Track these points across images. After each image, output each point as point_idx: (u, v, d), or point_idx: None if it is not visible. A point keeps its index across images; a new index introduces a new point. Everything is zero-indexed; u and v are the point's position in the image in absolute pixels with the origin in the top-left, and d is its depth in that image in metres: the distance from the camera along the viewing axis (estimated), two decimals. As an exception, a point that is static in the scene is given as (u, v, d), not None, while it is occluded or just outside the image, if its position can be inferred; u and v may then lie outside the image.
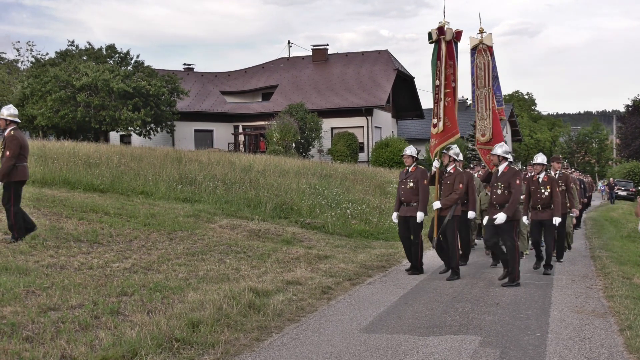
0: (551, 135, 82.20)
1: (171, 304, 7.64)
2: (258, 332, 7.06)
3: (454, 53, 11.51)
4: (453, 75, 11.48)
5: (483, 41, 12.81)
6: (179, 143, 40.52)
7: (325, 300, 8.84)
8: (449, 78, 11.41)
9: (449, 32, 11.43)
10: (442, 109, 11.36)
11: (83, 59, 36.82)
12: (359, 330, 7.35)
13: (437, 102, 11.46)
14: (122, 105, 33.66)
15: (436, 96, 11.46)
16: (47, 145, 20.53)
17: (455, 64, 11.52)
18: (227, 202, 16.46)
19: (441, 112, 11.35)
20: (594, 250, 14.89)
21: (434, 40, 11.49)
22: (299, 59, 50.07)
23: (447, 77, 11.40)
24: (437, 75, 11.44)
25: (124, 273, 9.04)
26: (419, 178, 10.90)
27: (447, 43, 11.41)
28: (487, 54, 12.74)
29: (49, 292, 7.59)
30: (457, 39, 11.68)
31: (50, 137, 35.03)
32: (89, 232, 11.20)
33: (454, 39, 11.57)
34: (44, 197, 13.43)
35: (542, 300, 9.11)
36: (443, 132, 11.35)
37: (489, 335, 7.19)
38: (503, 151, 10.55)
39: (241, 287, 8.50)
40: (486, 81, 12.67)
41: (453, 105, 11.43)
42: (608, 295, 9.30)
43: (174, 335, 6.48)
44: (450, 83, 11.42)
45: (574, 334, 7.24)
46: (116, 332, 6.45)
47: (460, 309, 8.50)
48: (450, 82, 11.42)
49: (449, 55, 11.42)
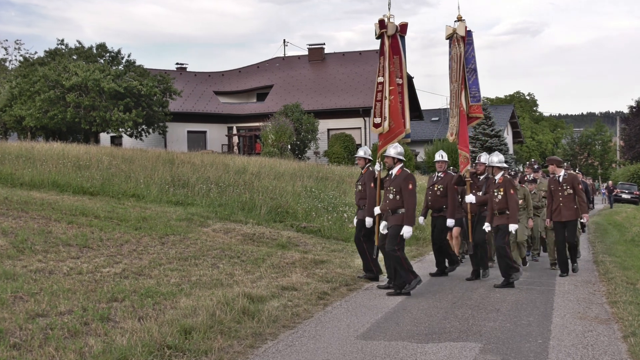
0: (553, 137, 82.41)
1: (163, 310, 7.63)
2: (252, 339, 7.05)
3: (399, 48, 11.15)
4: (400, 71, 11.08)
5: (457, 30, 12.08)
6: (171, 145, 40.47)
7: (321, 306, 8.84)
8: (392, 75, 10.98)
9: (390, 26, 11.06)
10: (386, 107, 10.88)
11: (73, 58, 36.78)
12: (356, 337, 7.35)
13: (379, 100, 11.01)
14: (113, 105, 33.62)
15: (379, 94, 11.04)
16: (36, 147, 20.51)
17: (402, 59, 11.12)
18: (220, 205, 16.45)
19: (386, 111, 10.88)
20: (597, 255, 14.91)
21: (378, 35, 11.12)
22: (294, 58, 50.09)
23: (392, 73, 10.97)
24: (379, 72, 11.05)
25: (114, 278, 9.02)
26: (366, 181, 10.88)
27: (391, 37, 11.09)
28: (459, 45, 12.00)
29: (37, 298, 7.57)
30: (402, 32, 11.30)
31: (39, 138, 34.98)
32: (78, 236, 11.18)
33: (399, 32, 11.21)
34: (33, 200, 13.40)
35: (543, 306, 9.12)
36: (388, 132, 10.89)
37: (489, 342, 7.20)
38: (396, 153, 10.13)
39: (235, 293, 8.49)
40: (458, 75, 12.00)
41: (397, 104, 10.92)
42: (611, 301, 9.31)
43: (165, 342, 6.47)
44: (394, 80, 10.98)
45: (576, 341, 7.25)
46: (106, 339, 6.44)
47: (460, 315, 8.51)
48: (394, 79, 10.98)
49: (394, 51, 11.06)
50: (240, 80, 48.29)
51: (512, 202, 10.59)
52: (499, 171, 10.92)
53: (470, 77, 12.05)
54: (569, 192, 11.82)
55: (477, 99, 12.19)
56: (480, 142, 46.23)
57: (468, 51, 12.10)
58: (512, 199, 10.59)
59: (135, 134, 36.38)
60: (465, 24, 12.04)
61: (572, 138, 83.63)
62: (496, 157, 11.00)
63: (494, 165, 10.98)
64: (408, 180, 9.89)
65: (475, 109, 12.23)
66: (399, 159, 10.03)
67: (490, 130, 46.76)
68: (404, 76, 11.17)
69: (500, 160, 10.94)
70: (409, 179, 9.92)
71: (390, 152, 10.17)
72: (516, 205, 10.69)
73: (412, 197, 9.82)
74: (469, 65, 12.08)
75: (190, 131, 43.38)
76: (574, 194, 11.85)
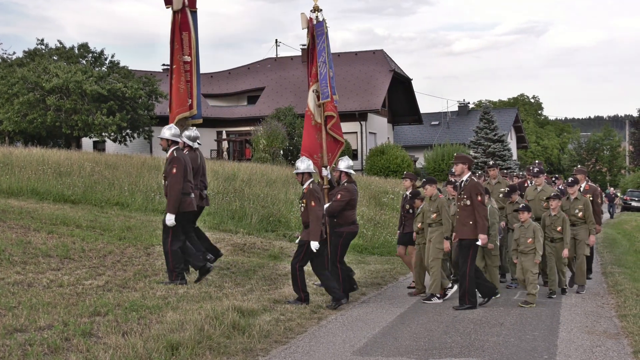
0: (559, 142, 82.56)
1: (148, 325, 7.62)
2: (243, 355, 7.04)
3: (188, 24, 11.23)
4: (189, 49, 11.23)
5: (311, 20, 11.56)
6: (157, 150, 40.40)
7: (315, 321, 8.83)
8: (177, 53, 11.16)
9: (176, 1, 11.10)
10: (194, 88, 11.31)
11: (53, 58, 36.74)
12: (352, 353, 7.34)
13: (189, 80, 11.35)
14: (96, 109, 33.57)
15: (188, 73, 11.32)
16: (14, 153, 20.46)
17: (191, 36, 11.24)
18: (209, 214, 16.44)
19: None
20: (605, 266, 14.94)
21: (174, 10, 11.22)
22: (287, 59, 50.15)
23: (176, 51, 11.16)
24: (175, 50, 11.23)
25: (97, 291, 9.01)
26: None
27: (180, 13, 11.16)
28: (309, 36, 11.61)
29: (16, 312, 7.55)
30: (192, 7, 11.34)
31: (18, 143, 34.86)
32: (59, 247, 11.15)
33: (188, 7, 11.24)
34: (10, 208, 13.37)
35: (549, 320, 9.13)
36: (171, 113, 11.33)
37: (492, 357, 7.20)
38: (171, 134, 10.36)
39: (224, 307, 8.48)
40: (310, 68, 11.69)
41: (178, 84, 11.17)
42: (621, 315, 9.33)
43: (151, 358, 6.46)
44: (177, 59, 11.19)
45: (584, 357, 7.26)
46: (88, 356, 6.42)
47: (462, 330, 8.51)
48: (177, 58, 11.19)
49: (183, 27, 11.18)
50: (230, 82, 48.31)
51: (313, 216, 9.68)
52: (346, 177, 10.61)
53: (321, 72, 11.50)
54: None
55: (325, 95, 11.42)
56: (483, 147, 46.30)
57: (319, 43, 11.51)
58: (312, 212, 9.68)
59: (120, 138, 36.32)
60: (319, 14, 11.53)
61: (579, 143, 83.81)
62: (343, 162, 10.70)
63: (341, 170, 10.64)
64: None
65: (328, 107, 11.42)
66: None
67: (493, 135, 46.84)
68: (193, 54, 11.29)
69: (347, 166, 10.64)
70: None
71: (166, 133, 10.28)
72: (316, 219, 9.64)
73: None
74: (320, 59, 11.48)
75: (177, 136, 43.37)
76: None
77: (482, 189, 10.11)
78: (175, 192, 9.99)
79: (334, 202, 10.28)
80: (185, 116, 11.29)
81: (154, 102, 37.62)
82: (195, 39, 11.38)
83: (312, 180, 10.01)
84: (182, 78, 11.25)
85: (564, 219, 11.00)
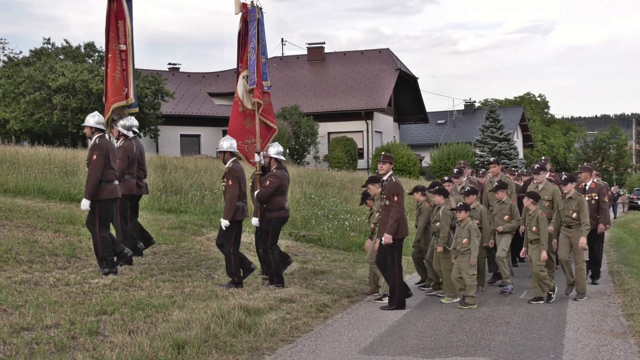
0: (565, 141, 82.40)
1: (154, 324, 7.63)
2: (249, 354, 7.05)
3: (124, 12, 11.20)
4: (124, 37, 11.23)
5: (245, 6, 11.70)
6: (163, 149, 40.47)
7: (321, 319, 8.84)
8: (112, 41, 11.16)
9: None
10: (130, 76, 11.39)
11: (60, 58, 36.82)
12: (358, 352, 7.35)
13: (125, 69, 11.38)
14: (102, 108, 33.64)
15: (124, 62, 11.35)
16: (21, 152, 20.51)
17: (126, 24, 11.23)
18: (215, 213, 16.45)
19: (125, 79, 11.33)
20: (612, 265, 14.91)
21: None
22: (293, 58, 50.14)
23: (111, 40, 11.16)
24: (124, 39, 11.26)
25: (103, 290, 9.02)
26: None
27: (114, 1, 11.13)
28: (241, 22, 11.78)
29: (22, 311, 7.57)
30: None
31: (24, 142, 34.96)
32: (65, 246, 11.18)
33: None
34: (17, 207, 13.40)
35: (556, 319, 9.12)
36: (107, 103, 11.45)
37: (498, 356, 7.20)
38: (276, 152, 10.62)
39: (230, 305, 8.49)
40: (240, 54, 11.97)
41: (113, 73, 11.22)
42: (627, 314, 9.31)
43: (157, 357, 6.47)
44: (112, 48, 11.19)
45: (590, 356, 7.25)
46: (95, 354, 6.44)
47: (468, 329, 8.51)
48: (112, 47, 11.19)
49: (119, 15, 11.16)
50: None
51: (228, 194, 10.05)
52: (276, 163, 10.67)
53: (250, 58, 11.72)
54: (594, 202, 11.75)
55: (252, 82, 11.76)
56: (489, 146, 46.25)
57: (251, 29, 11.65)
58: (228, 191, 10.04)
59: (126, 137, 36.38)
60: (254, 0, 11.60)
61: (586, 142, 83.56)
62: (273, 148, 10.76)
63: (271, 157, 10.71)
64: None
65: (255, 94, 11.76)
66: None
67: (499, 134, 46.78)
68: (129, 43, 11.33)
69: (277, 152, 10.69)
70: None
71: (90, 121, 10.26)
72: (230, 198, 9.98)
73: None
74: (250, 45, 11.63)
75: (184, 135, 43.39)
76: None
77: (400, 189, 9.95)
78: (93, 179, 9.95)
79: (263, 188, 10.52)
80: (121, 105, 11.34)
81: (160, 101, 37.66)
82: (130, 28, 11.37)
83: (234, 159, 10.19)
84: (117, 67, 11.28)
85: (538, 217, 10.38)
